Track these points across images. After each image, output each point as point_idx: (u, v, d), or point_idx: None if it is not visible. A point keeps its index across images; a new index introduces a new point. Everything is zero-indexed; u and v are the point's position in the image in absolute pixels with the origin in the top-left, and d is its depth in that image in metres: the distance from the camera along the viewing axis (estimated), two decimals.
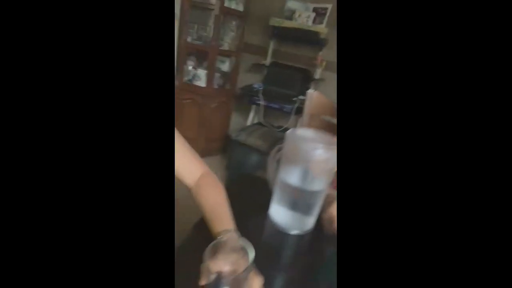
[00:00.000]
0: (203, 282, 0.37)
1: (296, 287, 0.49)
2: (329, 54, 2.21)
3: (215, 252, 0.37)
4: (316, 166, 0.57)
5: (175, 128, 0.59)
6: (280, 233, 0.60)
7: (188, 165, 0.60)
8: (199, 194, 0.57)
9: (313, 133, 0.61)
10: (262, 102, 2.04)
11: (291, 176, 0.59)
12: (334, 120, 1.11)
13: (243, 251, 0.37)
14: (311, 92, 1.11)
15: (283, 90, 2.07)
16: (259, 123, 2.28)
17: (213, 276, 0.35)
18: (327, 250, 0.59)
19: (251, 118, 2.31)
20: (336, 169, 0.66)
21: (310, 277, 0.51)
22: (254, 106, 2.27)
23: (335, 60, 2.23)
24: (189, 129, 2.16)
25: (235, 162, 1.83)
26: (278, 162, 0.63)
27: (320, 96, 1.13)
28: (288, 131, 0.60)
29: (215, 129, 2.30)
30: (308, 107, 1.10)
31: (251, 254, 0.36)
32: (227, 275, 0.36)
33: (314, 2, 2.07)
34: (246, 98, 2.22)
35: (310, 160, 0.56)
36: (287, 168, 0.60)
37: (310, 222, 0.61)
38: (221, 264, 0.36)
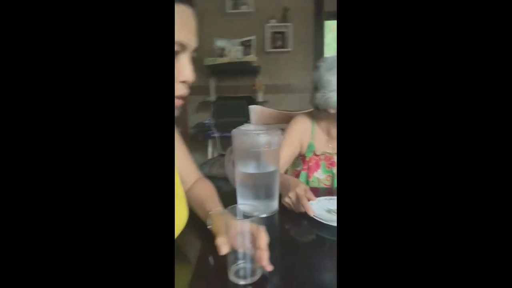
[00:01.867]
0: (224, 252, 0.43)
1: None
2: (265, 78, 2.43)
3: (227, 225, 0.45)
4: (264, 150, 0.65)
5: (178, 135, 0.64)
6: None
7: (186, 170, 0.67)
8: (193, 192, 0.63)
9: (254, 126, 0.70)
10: (216, 134, 2.13)
11: (246, 166, 0.66)
12: (280, 125, 1.23)
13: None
14: (252, 107, 1.23)
15: (232, 119, 2.20)
16: (220, 154, 2.34)
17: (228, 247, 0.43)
18: (301, 224, 0.65)
19: (210, 151, 2.37)
20: (280, 151, 0.75)
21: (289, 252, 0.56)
22: (210, 140, 2.35)
23: (272, 82, 2.45)
24: None
25: None
26: (233, 161, 0.70)
27: (263, 108, 1.25)
28: (233, 130, 0.68)
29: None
30: (253, 119, 1.21)
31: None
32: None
33: (238, 37, 2.32)
34: (200, 134, 2.30)
35: (257, 145, 0.64)
36: (241, 161, 0.67)
37: (274, 204, 0.68)
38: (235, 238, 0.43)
